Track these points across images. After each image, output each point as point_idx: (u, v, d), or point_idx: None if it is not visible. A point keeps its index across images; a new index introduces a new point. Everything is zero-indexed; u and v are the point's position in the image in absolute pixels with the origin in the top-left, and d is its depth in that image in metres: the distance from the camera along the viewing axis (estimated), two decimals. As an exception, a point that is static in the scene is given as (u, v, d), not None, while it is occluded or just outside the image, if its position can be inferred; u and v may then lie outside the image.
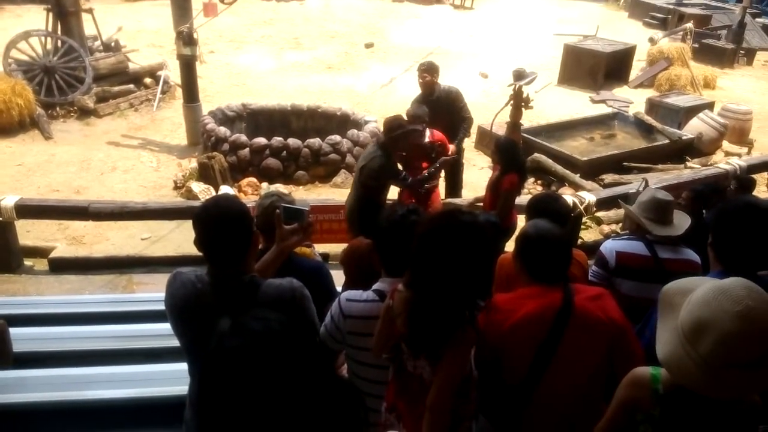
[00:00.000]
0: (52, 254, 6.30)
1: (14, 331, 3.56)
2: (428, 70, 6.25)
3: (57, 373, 3.33)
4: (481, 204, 5.31)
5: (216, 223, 2.00)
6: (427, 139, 5.68)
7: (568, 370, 2.21)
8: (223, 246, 2.01)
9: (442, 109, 6.23)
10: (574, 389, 2.25)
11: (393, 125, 5.05)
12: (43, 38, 10.66)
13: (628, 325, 2.30)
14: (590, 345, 2.22)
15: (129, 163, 9.16)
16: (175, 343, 2.34)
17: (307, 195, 8.12)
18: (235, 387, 1.13)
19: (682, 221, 3.25)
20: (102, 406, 3.08)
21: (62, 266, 6.13)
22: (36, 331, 3.91)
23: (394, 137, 5.00)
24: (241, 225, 2.03)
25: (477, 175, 8.46)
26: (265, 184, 8.28)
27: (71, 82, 10.64)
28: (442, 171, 6.22)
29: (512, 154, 5.02)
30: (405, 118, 5.36)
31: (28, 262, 6.21)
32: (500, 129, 8.21)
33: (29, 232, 6.62)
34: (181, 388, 2.71)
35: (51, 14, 10.54)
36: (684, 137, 9.54)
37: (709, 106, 10.64)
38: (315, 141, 8.67)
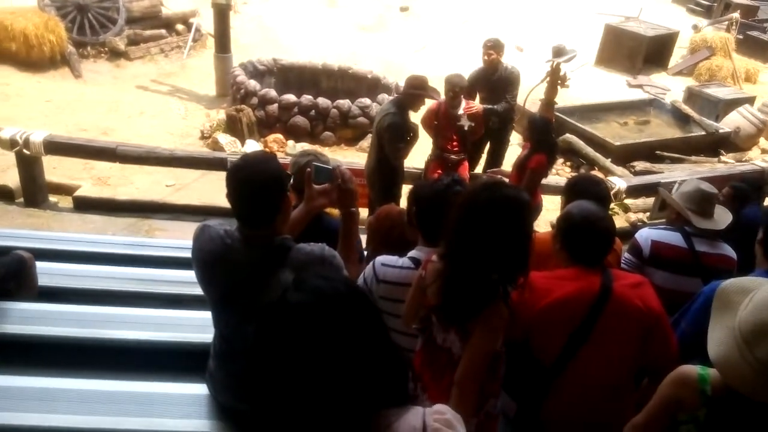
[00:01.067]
0: (77, 192, 6.36)
1: (39, 265, 3.58)
2: (494, 47, 6.07)
3: (79, 310, 3.34)
4: (507, 179, 5.25)
5: (248, 183, 1.95)
6: (461, 111, 5.58)
7: (600, 355, 2.17)
8: (253, 207, 1.97)
9: (501, 89, 6.14)
10: (604, 375, 2.21)
11: (414, 83, 5.11)
12: (78, -25, 10.58)
13: (664, 316, 2.25)
14: (625, 332, 2.17)
15: (157, 109, 9.14)
16: (197, 291, 2.32)
17: (333, 157, 8.06)
18: (294, 342, 1.10)
19: (723, 216, 3.17)
20: (122, 346, 3.08)
21: (86, 205, 6.19)
22: (59, 267, 3.92)
23: (411, 94, 5.06)
24: (274, 188, 1.97)
25: (509, 151, 8.31)
26: (291, 142, 8.24)
27: (104, 22, 10.58)
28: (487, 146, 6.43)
29: (545, 133, 4.92)
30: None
31: (52, 198, 6.27)
32: (533, 106, 8.04)
33: (56, 169, 6.65)
34: (203, 336, 2.72)
35: (88, -49, 10.45)
36: (721, 130, 9.31)
37: (750, 100, 10.35)
38: (344, 102, 8.58)
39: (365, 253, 3.06)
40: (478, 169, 6.57)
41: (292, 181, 2.86)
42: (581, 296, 2.15)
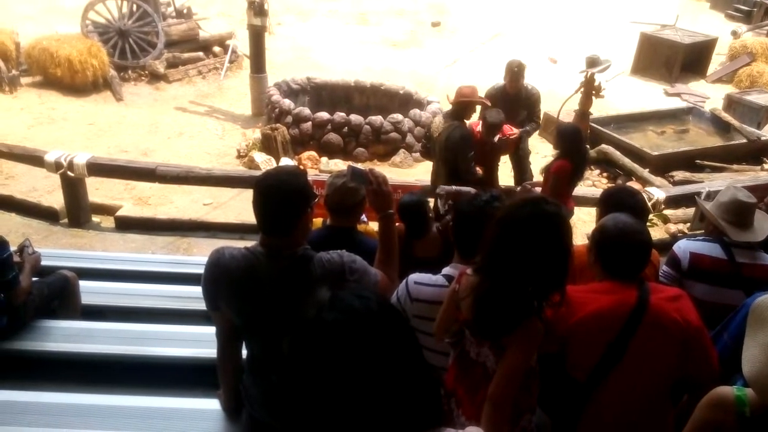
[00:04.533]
0: (119, 213, 6.53)
1: (82, 284, 3.70)
2: (520, 71, 6.04)
3: (120, 328, 3.43)
4: (539, 190, 5.25)
5: (273, 190, 2.02)
6: (499, 136, 5.59)
7: (637, 370, 2.12)
8: (275, 214, 2.03)
9: (521, 108, 6.19)
10: (642, 390, 2.15)
11: (465, 91, 5.16)
12: (119, 2, 10.94)
13: (703, 329, 2.18)
14: (663, 346, 2.12)
15: (195, 129, 9.36)
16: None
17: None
18: (327, 360, 1.11)
19: (763, 225, 3.05)
20: (162, 362, 3.16)
21: (127, 225, 6.35)
22: (101, 286, 4.04)
23: (462, 102, 5.07)
24: (296, 198, 2.02)
25: (540, 162, 8.24)
26: (324, 159, 8.32)
27: (144, 46, 10.91)
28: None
29: (572, 141, 4.94)
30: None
31: (95, 219, 6.45)
32: (567, 117, 7.96)
33: (98, 190, 6.86)
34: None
35: (128, -21, 10.82)
36: (763, 137, 9.05)
37: (794, 106, 10.04)
38: (377, 119, 8.63)
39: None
40: (509, 182, 6.54)
41: (325, 200, 2.93)
42: (617, 309, 2.11)
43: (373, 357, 1.13)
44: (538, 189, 5.31)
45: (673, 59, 12.43)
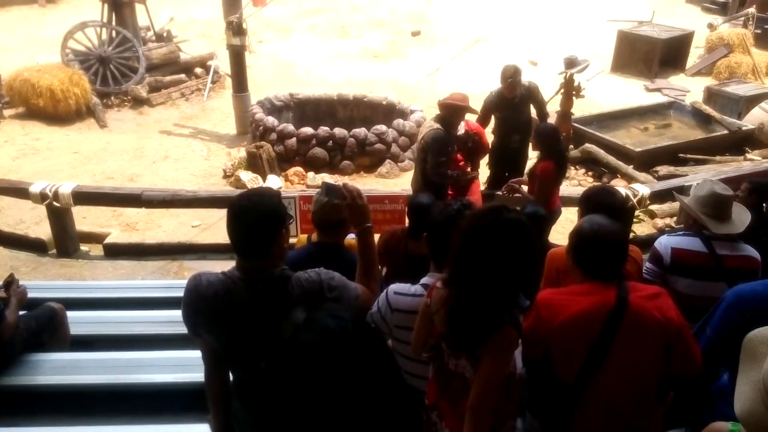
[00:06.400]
0: (107, 240, 6.51)
1: (71, 315, 3.68)
2: (515, 77, 5.91)
3: (111, 357, 3.42)
4: (525, 189, 5.31)
5: (244, 215, 2.02)
6: (462, 130, 5.57)
7: (622, 369, 2.14)
8: (249, 237, 2.03)
9: (523, 105, 6.16)
10: (628, 389, 2.17)
11: (454, 96, 5.14)
12: (98, 29, 10.97)
13: (685, 325, 2.21)
14: (645, 345, 2.14)
15: (180, 152, 9.35)
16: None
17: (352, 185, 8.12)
18: (303, 380, 1.13)
19: (742, 216, 3.10)
20: (153, 389, 3.15)
21: (116, 252, 6.33)
22: (91, 315, 4.03)
23: (449, 106, 5.07)
24: (269, 220, 2.02)
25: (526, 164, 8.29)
26: (311, 174, 8.34)
27: (125, 71, 10.91)
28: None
29: (550, 141, 5.03)
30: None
31: (84, 247, 6.42)
32: (550, 119, 8.02)
33: (85, 218, 6.84)
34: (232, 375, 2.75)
35: (106, 5, 10.82)
36: (744, 128, 9.14)
37: (772, 95, 10.15)
38: (361, 131, 8.67)
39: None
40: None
41: (311, 217, 2.95)
42: (597, 310, 2.13)
43: (348, 376, 1.14)
44: (524, 187, 5.37)
45: (652, 55, 12.56)
